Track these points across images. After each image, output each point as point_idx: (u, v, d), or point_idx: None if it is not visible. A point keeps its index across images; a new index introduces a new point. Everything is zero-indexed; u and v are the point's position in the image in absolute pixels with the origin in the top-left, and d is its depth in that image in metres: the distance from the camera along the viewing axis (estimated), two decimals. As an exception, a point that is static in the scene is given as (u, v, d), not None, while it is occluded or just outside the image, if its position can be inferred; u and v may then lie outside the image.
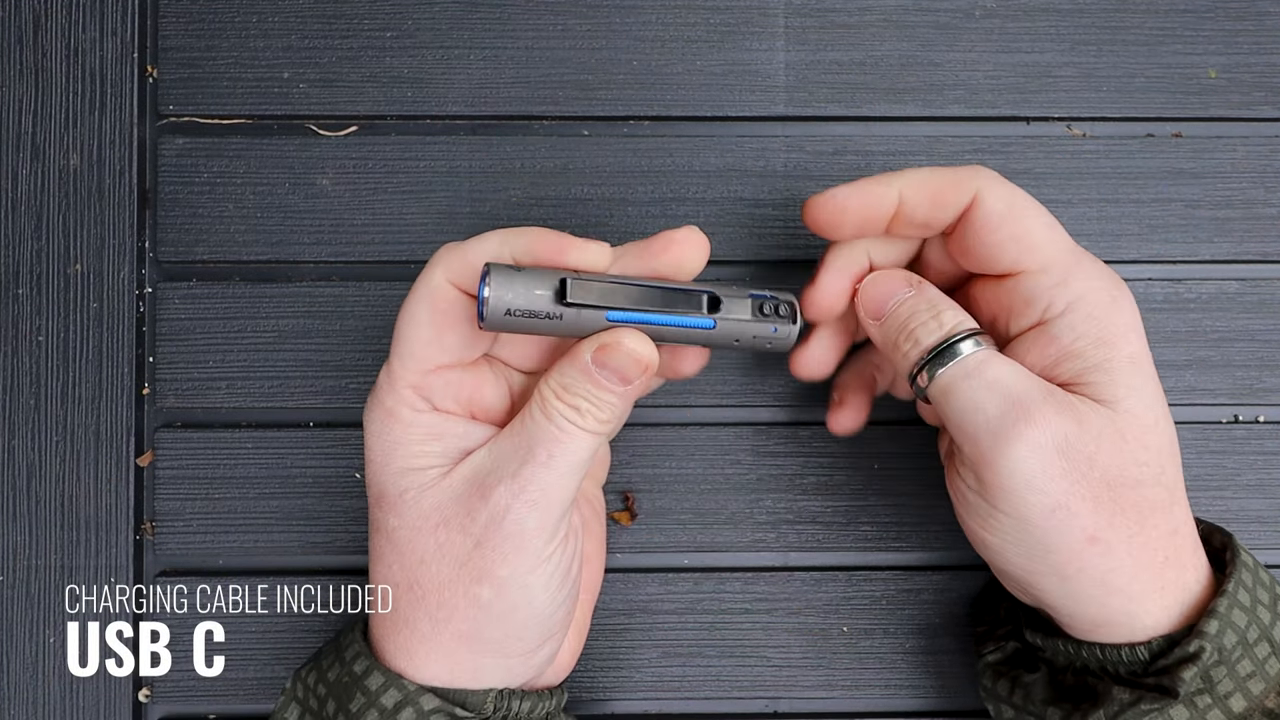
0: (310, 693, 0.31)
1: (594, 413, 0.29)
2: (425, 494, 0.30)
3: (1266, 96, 0.40)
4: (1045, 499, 0.29)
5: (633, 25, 0.40)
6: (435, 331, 0.29)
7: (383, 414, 0.30)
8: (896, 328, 0.31)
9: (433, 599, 0.30)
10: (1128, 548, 0.29)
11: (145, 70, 0.39)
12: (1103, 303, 0.30)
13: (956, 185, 0.31)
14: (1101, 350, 0.30)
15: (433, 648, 0.30)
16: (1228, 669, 0.29)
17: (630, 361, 0.29)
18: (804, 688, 0.39)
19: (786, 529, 0.39)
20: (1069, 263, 0.30)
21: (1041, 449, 0.29)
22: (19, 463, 0.39)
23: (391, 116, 0.39)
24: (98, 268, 0.39)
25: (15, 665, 0.38)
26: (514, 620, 0.30)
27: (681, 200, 0.39)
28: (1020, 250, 0.30)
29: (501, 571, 0.29)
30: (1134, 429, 0.29)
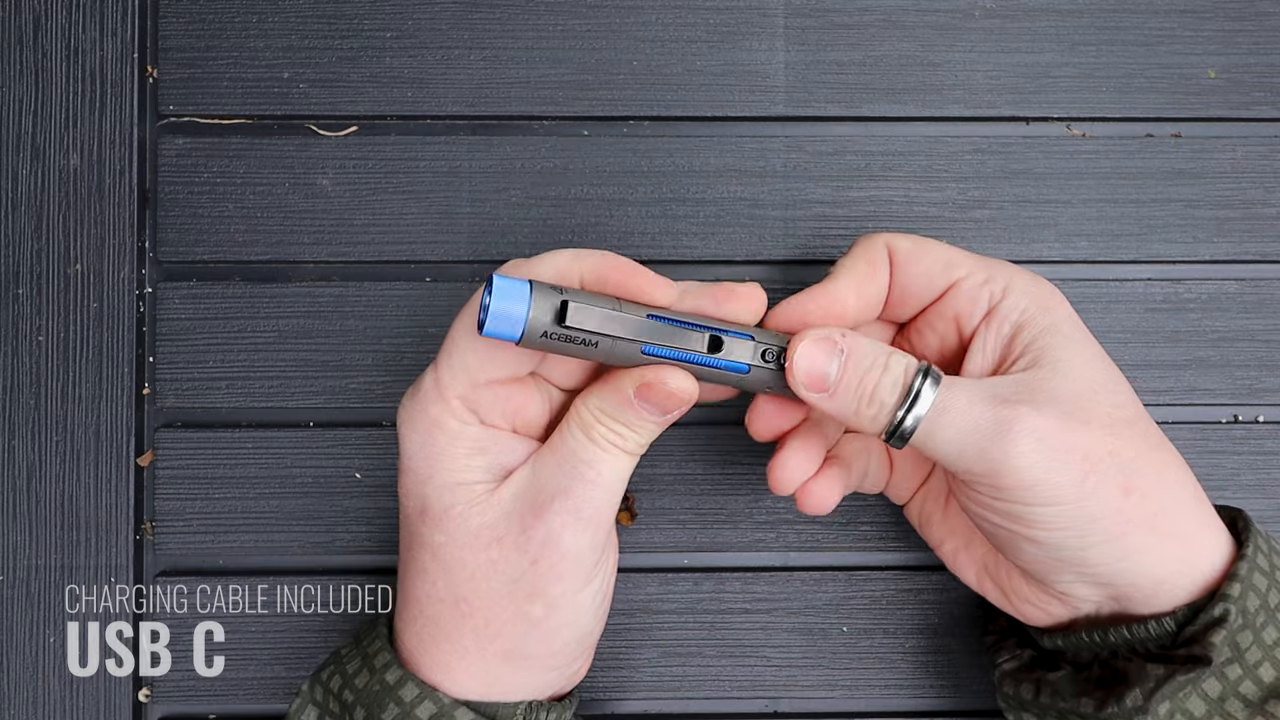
0: (333, 697, 0.31)
1: (634, 437, 0.30)
2: (473, 510, 0.30)
3: (1266, 96, 0.40)
4: (1071, 472, 0.29)
5: (633, 25, 0.40)
6: (492, 346, 0.29)
7: (428, 424, 0.30)
8: (851, 396, 0.30)
9: (480, 616, 0.30)
10: (1160, 485, 0.30)
11: (145, 70, 0.39)
12: (1027, 280, 0.32)
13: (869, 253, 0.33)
14: (1046, 315, 0.31)
15: (474, 663, 0.30)
16: (1254, 635, 0.29)
17: (673, 401, 0.29)
18: (804, 688, 0.39)
19: (786, 529, 0.39)
20: (985, 263, 0.33)
21: (1043, 432, 0.29)
22: (19, 463, 0.39)
23: (391, 116, 0.39)
24: (98, 268, 0.39)
25: (15, 665, 0.38)
26: (560, 637, 0.30)
27: (681, 200, 0.39)
28: (942, 266, 0.32)
29: (555, 589, 0.29)
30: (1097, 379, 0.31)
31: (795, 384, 0.30)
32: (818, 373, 0.30)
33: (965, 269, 0.32)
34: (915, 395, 0.29)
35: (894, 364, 0.30)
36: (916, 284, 0.33)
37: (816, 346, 0.30)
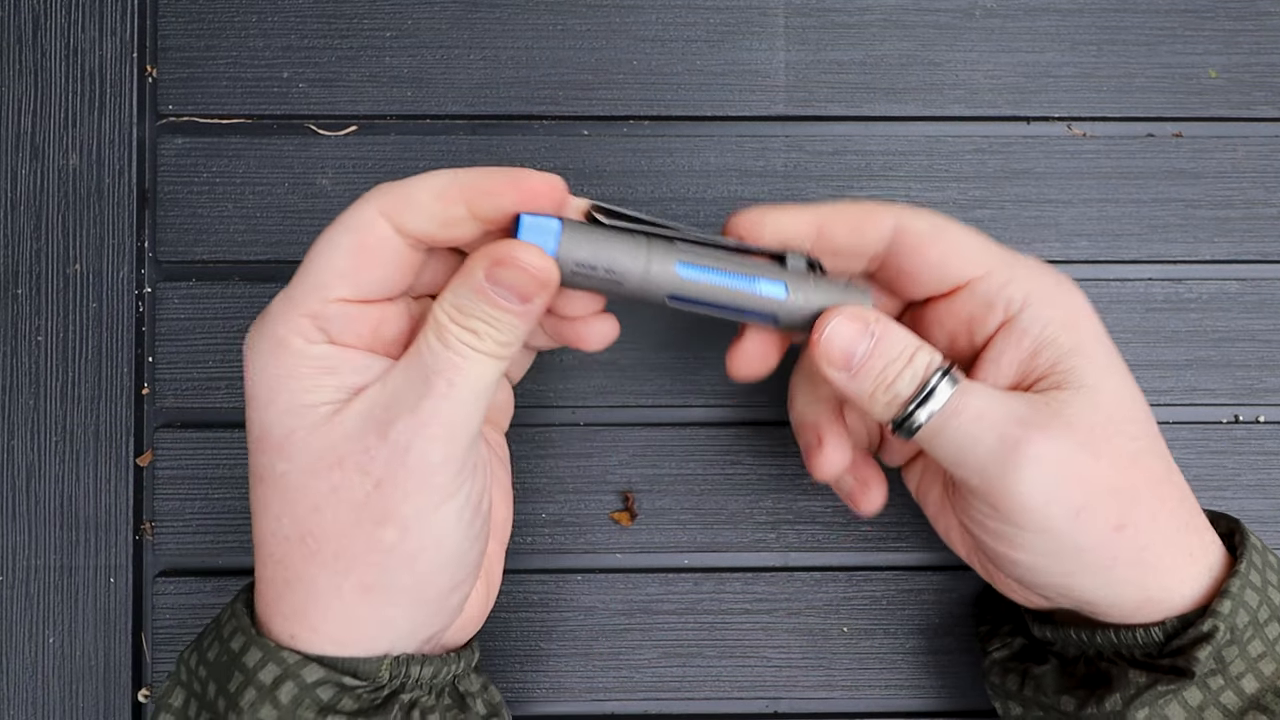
0: (193, 675, 0.29)
1: (493, 334, 0.27)
2: (315, 433, 0.27)
3: (1266, 96, 0.40)
4: (1068, 505, 0.29)
5: (633, 25, 0.40)
6: (353, 265, 0.27)
7: (272, 343, 0.27)
8: (870, 381, 0.30)
9: (329, 549, 0.27)
10: (1152, 524, 0.29)
11: (145, 70, 0.39)
12: (1052, 289, 0.30)
13: (873, 215, 0.31)
14: (1071, 334, 0.30)
15: (330, 604, 0.27)
16: (1239, 649, 0.29)
17: (526, 278, 0.27)
18: (804, 688, 0.39)
19: (786, 529, 0.39)
20: (1008, 261, 0.31)
21: (1048, 464, 0.28)
22: (19, 463, 0.39)
23: (391, 116, 0.39)
24: (97, 268, 0.39)
25: (15, 665, 0.38)
26: (424, 562, 0.28)
27: (681, 200, 0.39)
28: (960, 260, 0.31)
29: (405, 510, 0.27)
30: (1118, 407, 0.30)
31: (820, 357, 0.29)
32: (846, 350, 0.29)
33: (983, 267, 0.30)
34: (930, 392, 0.29)
35: (919, 359, 0.29)
36: (926, 273, 0.31)
37: (850, 325, 0.29)
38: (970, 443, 0.29)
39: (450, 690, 0.31)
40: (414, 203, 0.27)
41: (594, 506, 0.39)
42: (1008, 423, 0.29)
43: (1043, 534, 0.29)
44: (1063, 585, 0.30)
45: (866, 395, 0.30)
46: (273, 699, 0.27)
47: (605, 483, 0.39)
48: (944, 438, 0.29)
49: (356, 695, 0.28)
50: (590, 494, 0.39)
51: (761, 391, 0.39)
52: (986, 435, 0.29)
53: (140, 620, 0.39)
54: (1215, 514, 0.33)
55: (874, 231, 0.31)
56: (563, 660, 0.39)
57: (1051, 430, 0.29)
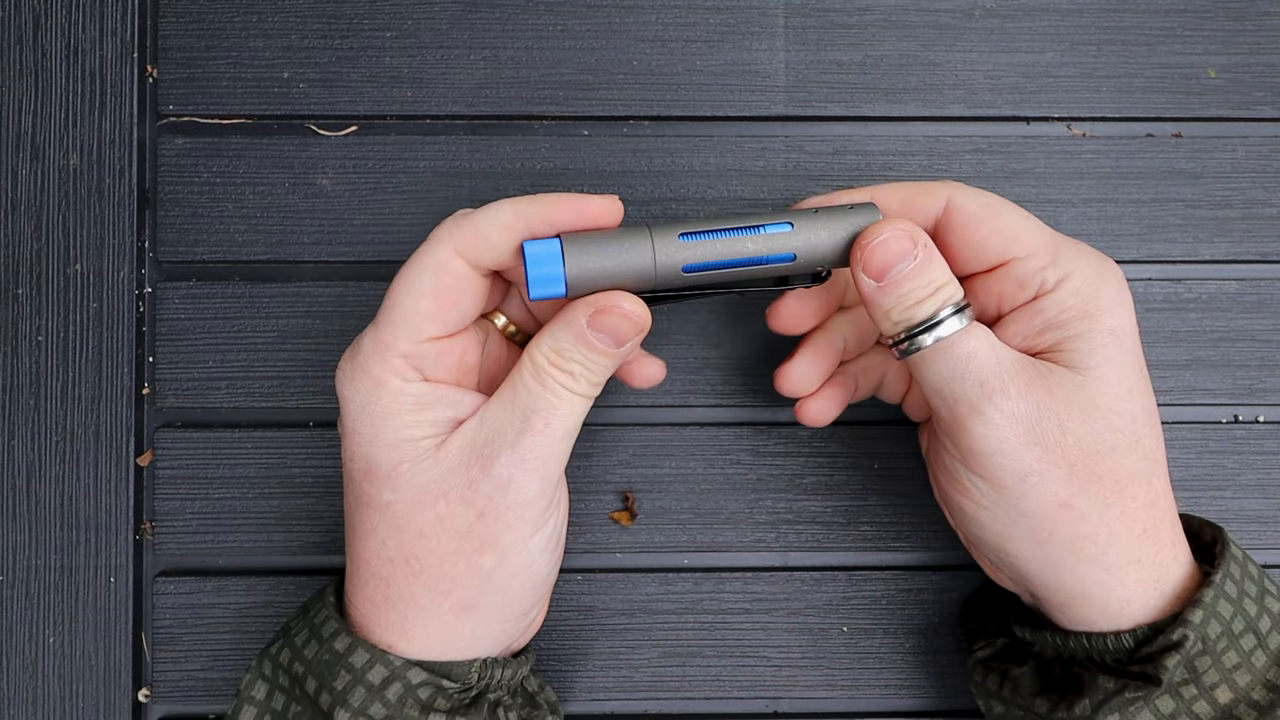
0: (283, 671, 0.31)
1: (587, 376, 0.30)
2: (420, 466, 0.29)
3: (1266, 96, 0.40)
4: (1017, 464, 0.29)
5: (633, 25, 0.40)
6: (437, 305, 0.30)
7: (370, 383, 0.30)
8: (895, 298, 0.30)
9: (433, 572, 0.30)
10: (1102, 516, 0.30)
11: (145, 70, 0.39)
12: (1089, 278, 0.31)
13: (927, 192, 0.32)
14: (1084, 321, 0.30)
15: (430, 620, 0.30)
16: (1213, 660, 0.29)
17: (627, 324, 0.30)
18: (804, 688, 0.39)
19: (786, 529, 0.39)
20: (1054, 245, 0.31)
21: (1012, 417, 0.29)
22: (19, 463, 0.39)
23: (391, 116, 0.39)
24: (98, 268, 0.39)
25: (15, 665, 0.38)
26: (514, 586, 0.30)
27: (681, 200, 0.39)
28: (1005, 241, 0.31)
29: (504, 539, 0.29)
30: (1105, 395, 0.30)
31: (859, 261, 0.30)
32: (888, 262, 0.30)
33: (1026, 248, 0.31)
34: (938, 322, 0.30)
35: (943, 293, 0.30)
36: (971, 251, 0.32)
37: (900, 242, 0.30)
38: (953, 377, 0.30)
39: (520, 690, 0.33)
40: (484, 239, 0.30)
41: (594, 506, 0.39)
42: (993, 368, 0.30)
43: (990, 485, 0.30)
44: (1001, 546, 0.31)
45: (884, 309, 0.30)
46: (382, 697, 0.29)
47: (605, 483, 0.39)
48: (934, 366, 0.30)
49: (449, 695, 0.30)
50: (590, 494, 0.39)
51: (762, 392, 0.39)
52: (970, 374, 0.30)
53: (140, 620, 0.39)
54: (1202, 522, 0.33)
55: (927, 208, 0.32)
56: (563, 660, 0.39)
57: (1029, 390, 0.29)
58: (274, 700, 0.31)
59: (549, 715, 0.34)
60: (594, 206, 0.30)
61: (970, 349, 0.30)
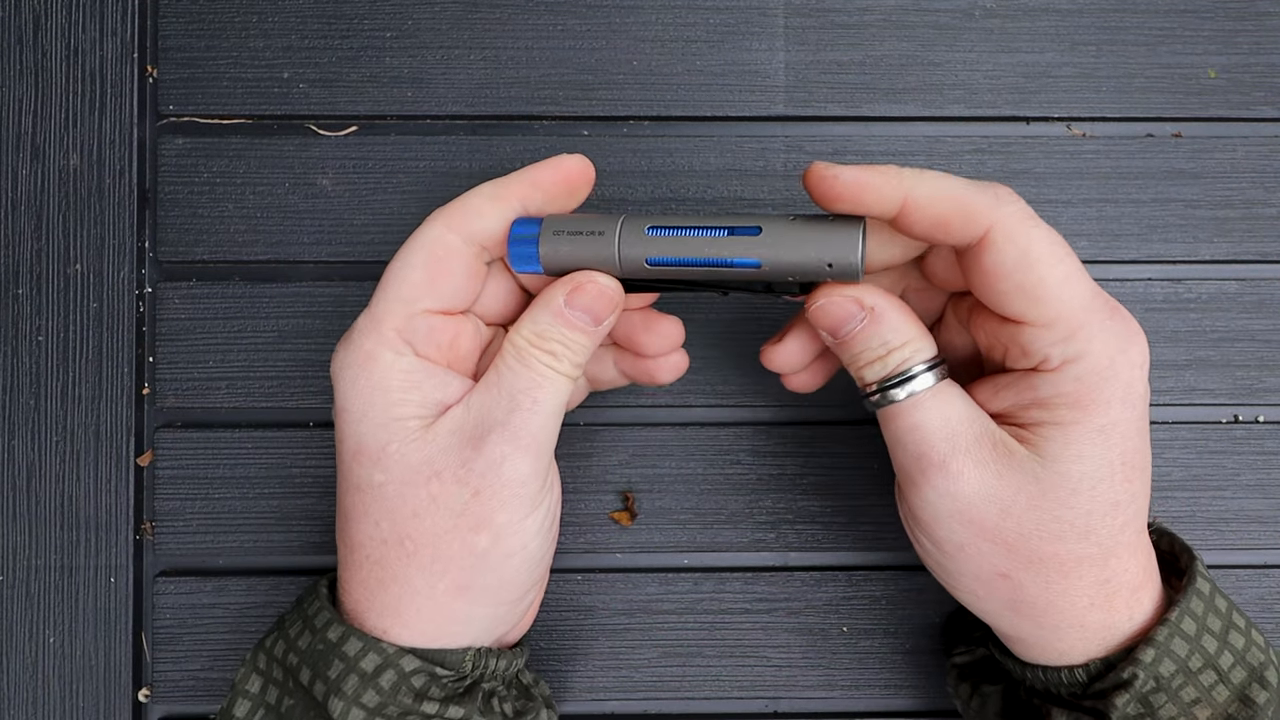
0: (276, 663, 0.31)
1: (568, 355, 0.30)
2: (410, 447, 0.29)
3: (1266, 96, 0.40)
4: (954, 536, 0.30)
5: (633, 25, 0.40)
6: (429, 276, 0.30)
7: (361, 357, 0.30)
8: (848, 357, 0.31)
9: (427, 552, 0.30)
10: (1044, 593, 0.29)
11: (145, 70, 0.39)
12: (1098, 368, 0.28)
13: (968, 217, 0.28)
14: (1072, 413, 0.29)
15: (425, 602, 0.30)
16: (1168, 695, 0.29)
17: (602, 300, 0.30)
18: (804, 688, 0.39)
19: (786, 529, 0.39)
20: (1079, 321, 0.28)
21: (949, 496, 0.29)
22: (19, 463, 0.39)
23: (391, 116, 0.39)
24: (98, 268, 0.39)
25: (15, 665, 0.38)
26: (509, 566, 0.30)
27: (681, 200, 0.39)
28: (1029, 302, 0.28)
29: (500, 519, 0.29)
30: (1059, 490, 0.28)
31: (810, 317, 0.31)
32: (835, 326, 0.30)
33: (1049, 317, 0.28)
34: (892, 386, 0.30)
35: (893, 358, 0.30)
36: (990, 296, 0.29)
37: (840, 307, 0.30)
38: (899, 444, 0.30)
39: (514, 682, 0.33)
40: (474, 210, 0.30)
41: (594, 506, 0.39)
42: (940, 444, 0.29)
43: (931, 544, 0.31)
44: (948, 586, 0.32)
45: (846, 360, 0.31)
46: (375, 685, 0.29)
47: (605, 483, 0.39)
48: (888, 428, 0.31)
49: (443, 684, 0.30)
50: (590, 494, 0.39)
51: (762, 392, 0.39)
52: (914, 445, 0.30)
53: (140, 620, 0.39)
54: (1179, 546, 0.33)
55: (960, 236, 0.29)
56: (563, 660, 0.39)
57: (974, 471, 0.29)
58: (268, 694, 0.31)
59: (543, 708, 0.34)
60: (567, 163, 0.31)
61: (920, 419, 0.29)
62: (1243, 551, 0.39)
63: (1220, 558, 0.39)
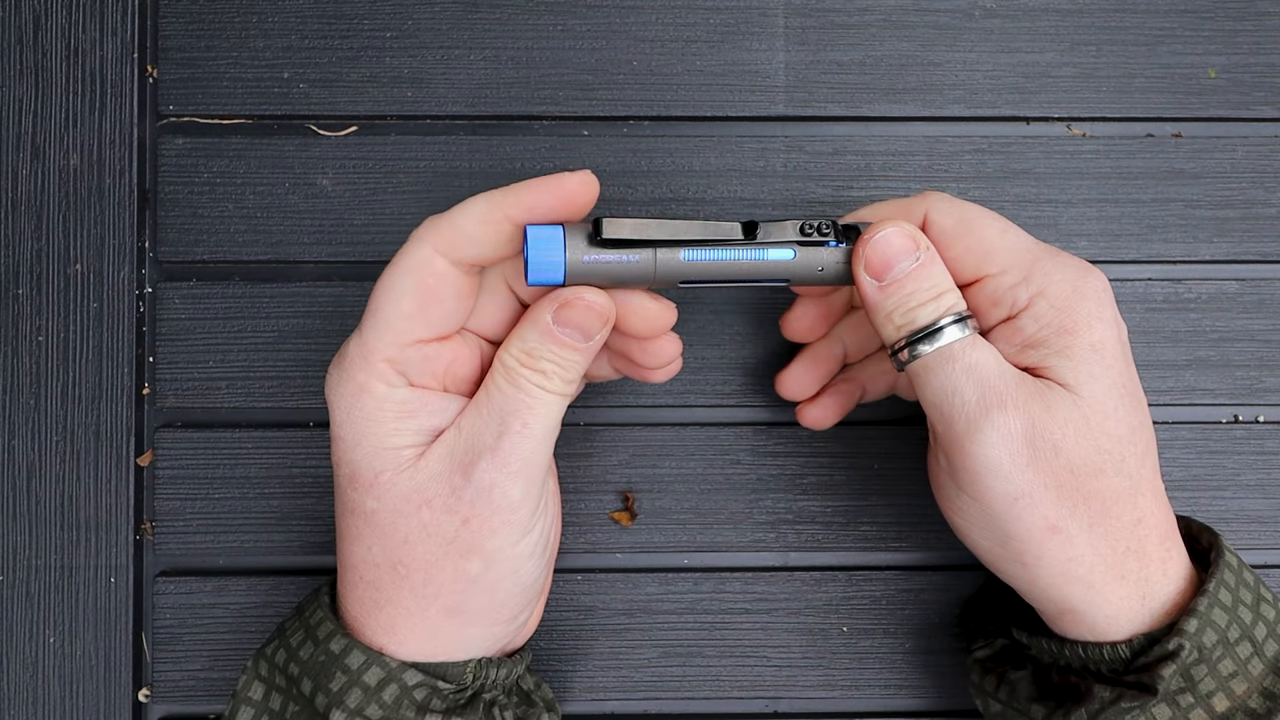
0: (279, 671, 0.31)
1: (560, 374, 0.29)
2: (402, 476, 0.29)
3: (1266, 96, 0.40)
4: (1010, 487, 0.29)
5: (633, 25, 0.40)
6: (419, 305, 0.29)
7: (354, 389, 0.29)
8: (897, 300, 0.30)
9: (418, 577, 0.30)
10: (1088, 537, 0.30)
11: (145, 70, 0.39)
12: (1064, 293, 0.30)
13: (905, 210, 0.32)
14: (1063, 338, 0.30)
15: (417, 623, 0.30)
16: (1209, 668, 0.29)
17: (592, 316, 0.29)
18: (804, 688, 0.39)
19: (786, 529, 0.39)
20: (1028, 260, 0.30)
21: (1011, 437, 0.29)
22: (19, 463, 0.39)
23: (391, 116, 0.39)
24: (98, 268, 0.39)
25: (15, 665, 0.38)
26: (501, 590, 0.30)
27: (681, 200, 0.39)
28: (978, 258, 0.31)
29: (490, 545, 0.29)
30: (1097, 415, 0.29)
31: (861, 259, 0.30)
32: (889, 261, 0.30)
33: (999, 264, 0.31)
34: (940, 329, 0.30)
35: (944, 299, 0.30)
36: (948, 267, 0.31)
37: (902, 239, 0.30)
38: (952, 390, 0.30)
39: (515, 689, 0.33)
40: (463, 233, 0.29)
41: (594, 506, 0.39)
42: (995, 382, 0.29)
43: (980, 506, 0.30)
44: (992, 564, 0.32)
45: (885, 311, 0.30)
46: (378, 699, 0.29)
47: (605, 483, 0.39)
48: (933, 377, 0.30)
49: (444, 696, 0.30)
50: (590, 494, 0.39)
51: (762, 392, 0.39)
52: (969, 388, 0.29)
53: (140, 620, 0.39)
54: (1200, 527, 0.33)
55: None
56: (563, 660, 0.39)
57: (1027, 406, 0.29)
58: (271, 700, 0.31)
59: (545, 713, 0.34)
60: (569, 184, 0.29)
61: (974, 359, 0.30)
62: (1243, 551, 0.39)
63: (1220, 558, 0.39)
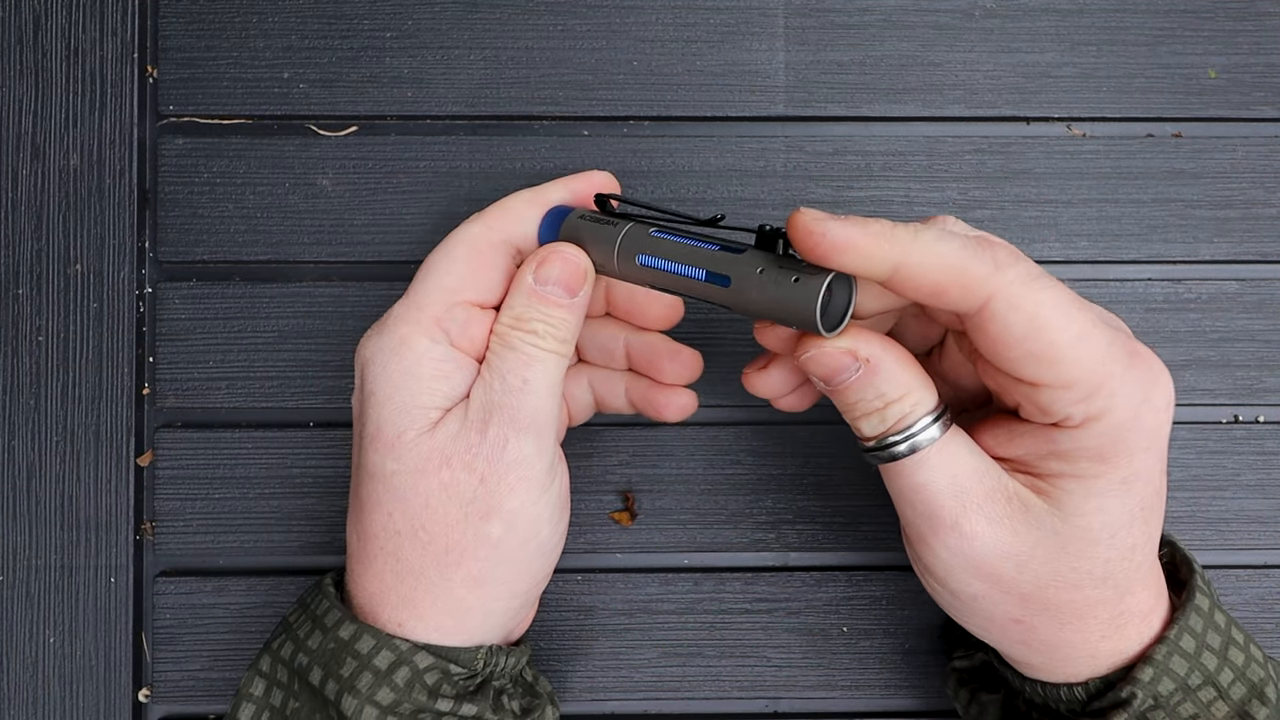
0: (283, 665, 0.31)
1: (551, 332, 0.30)
2: (423, 437, 0.30)
3: (1266, 96, 0.40)
4: (967, 589, 0.29)
5: (633, 25, 0.40)
6: (471, 267, 0.31)
7: (396, 341, 0.30)
8: (842, 406, 0.29)
9: (440, 543, 0.30)
10: (1058, 633, 0.29)
11: (145, 70, 0.39)
12: (1122, 421, 0.27)
13: (965, 288, 0.26)
14: (1095, 466, 0.27)
15: (440, 595, 0.30)
16: (1167, 713, 0.29)
17: (570, 268, 0.30)
18: (804, 688, 0.39)
19: (786, 529, 0.39)
20: (1099, 378, 0.26)
21: (962, 555, 0.28)
22: (19, 463, 0.39)
23: (391, 116, 0.39)
24: (98, 268, 0.39)
25: (15, 665, 0.38)
26: (524, 555, 0.30)
27: (681, 201, 0.39)
28: (1041, 368, 0.26)
29: (511, 504, 0.30)
30: (1078, 542, 0.28)
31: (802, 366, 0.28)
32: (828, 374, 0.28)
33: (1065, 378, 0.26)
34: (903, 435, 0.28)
35: (891, 412, 0.28)
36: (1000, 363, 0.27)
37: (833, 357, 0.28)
38: (906, 502, 0.29)
39: (519, 679, 0.34)
40: (514, 213, 0.32)
41: (594, 506, 0.39)
42: (950, 502, 0.28)
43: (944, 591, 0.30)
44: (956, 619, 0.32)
45: (841, 410, 0.29)
46: (389, 682, 0.29)
47: (605, 483, 0.39)
48: (891, 482, 0.29)
49: (455, 682, 0.30)
50: (590, 494, 0.39)
51: (761, 391, 0.39)
52: (921, 504, 0.29)
53: (140, 620, 0.39)
54: (1180, 559, 0.32)
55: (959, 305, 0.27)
56: (563, 660, 0.39)
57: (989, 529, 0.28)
58: (272, 696, 0.31)
59: (548, 705, 0.34)
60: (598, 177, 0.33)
61: (921, 480, 0.28)
62: (1243, 551, 0.39)
63: (1220, 558, 0.39)
